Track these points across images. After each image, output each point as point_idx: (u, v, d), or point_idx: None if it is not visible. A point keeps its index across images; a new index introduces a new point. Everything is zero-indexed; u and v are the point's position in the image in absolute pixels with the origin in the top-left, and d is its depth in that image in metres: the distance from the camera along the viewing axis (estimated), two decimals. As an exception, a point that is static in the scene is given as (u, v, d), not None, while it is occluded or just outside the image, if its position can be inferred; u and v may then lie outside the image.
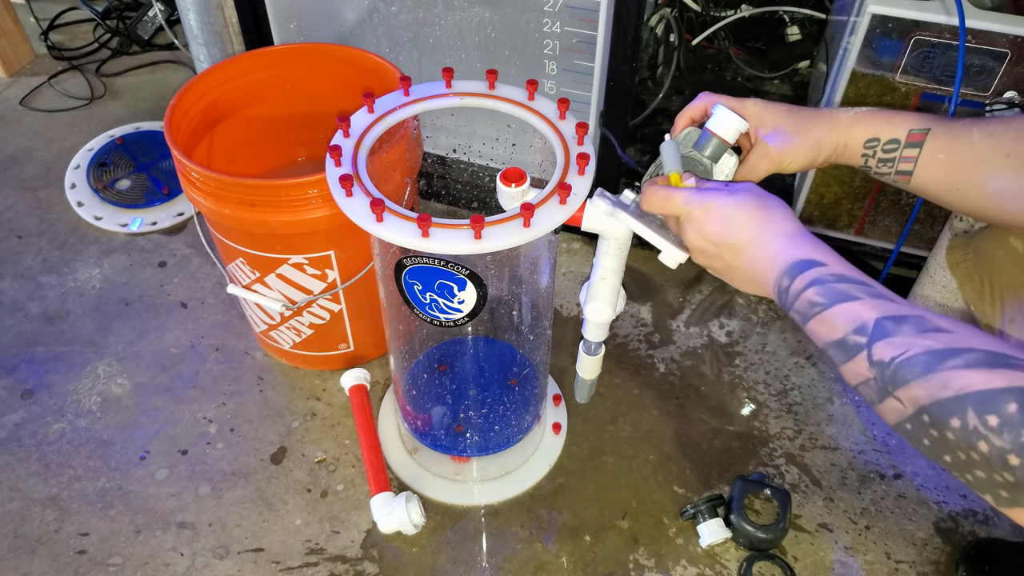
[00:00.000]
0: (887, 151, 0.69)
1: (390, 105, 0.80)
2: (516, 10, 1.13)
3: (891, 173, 0.70)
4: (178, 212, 1.39)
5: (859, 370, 0.54)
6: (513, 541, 0.97)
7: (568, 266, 1.31)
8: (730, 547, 0.97)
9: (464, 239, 0.68)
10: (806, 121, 0.71)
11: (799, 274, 0.59)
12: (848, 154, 0.71)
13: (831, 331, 0.56)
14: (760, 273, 0.62)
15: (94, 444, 1.07)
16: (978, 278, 0.85)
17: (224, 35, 1.35)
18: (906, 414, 0.51)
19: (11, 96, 1.66)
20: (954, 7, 0.95)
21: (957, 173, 0.68)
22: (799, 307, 0.59)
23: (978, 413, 0.47)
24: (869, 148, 0.70)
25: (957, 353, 0.50)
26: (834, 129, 0.70)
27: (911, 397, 0.51)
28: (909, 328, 0.52)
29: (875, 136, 0.69)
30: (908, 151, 0.69)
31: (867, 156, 0.70)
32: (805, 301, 0.58)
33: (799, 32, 1.60)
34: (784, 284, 0.60)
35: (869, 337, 0.54)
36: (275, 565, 0.95)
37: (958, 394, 0.48)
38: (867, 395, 0.55)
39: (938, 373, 0.49)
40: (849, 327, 0.55)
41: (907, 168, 0.69)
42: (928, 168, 0.69)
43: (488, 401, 1.04)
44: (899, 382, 0.51)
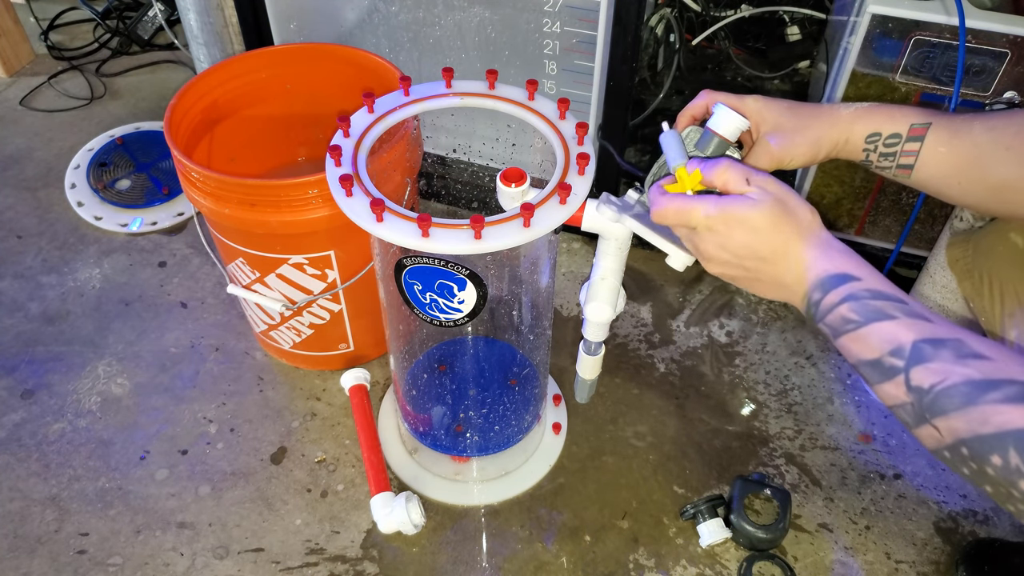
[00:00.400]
0: (888, 145, 0.69)
1: (390, 105, 0.80)
2: (516, 10, 1.13)
3: (892, 167, 0.70)
4: (178, 212, 1.39)
5: (895, 393, 0.53)
6: (513, 541, 0.97)
7: (568, 266, 1.31)
8: (730, 547, 0.97)
9: (464, 239, 0.68)
10: (807, 118, 0.71)
11: (832, 289, 0.57)
12: (849, 149, 0.71)
13: (866, 350, 0.55)
14: (789, 284, 0.60)
15: (94, 444, 1.07)
16: (977, 274, 0.85)
17: (224, 35, 1.35)
18: (944, 443, 0.51)
19: (11, 96, 1.66)
20: (954, 7, 0.95)
21: (958, 166, 0.68)
22: (831, 322, 0.57)
23: (1019, 452, 0.47)
24: (870, 143, 0.70)
25: (997, 386, 0.49)
26: (835, 125, 0.70)
27: (949, 428, 0.50)
28: (948, 353, 0.51)
29: (876, 131, 0.69)
30: (909, 145, 0.69)
31: (868, 151, 0.70)
32: (838, 317, 0.57)
33: (799, 32, 1.60)
34: (815, 298, 0.58)
35: (906, 361, 0.52)
36: (275, 565, 0.95)
37: (998, 431, 0.47)
38: (903, 418, 0.54)
39: (978, 407, 0.48)
40: (885, 348, 0.54)
41: (908, 162, 0.69)
42: (929, 162, 0.69)
43: (488, 401, 1.04)
44: (937, 411, 0.50)
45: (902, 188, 1.16)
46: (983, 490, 0.51)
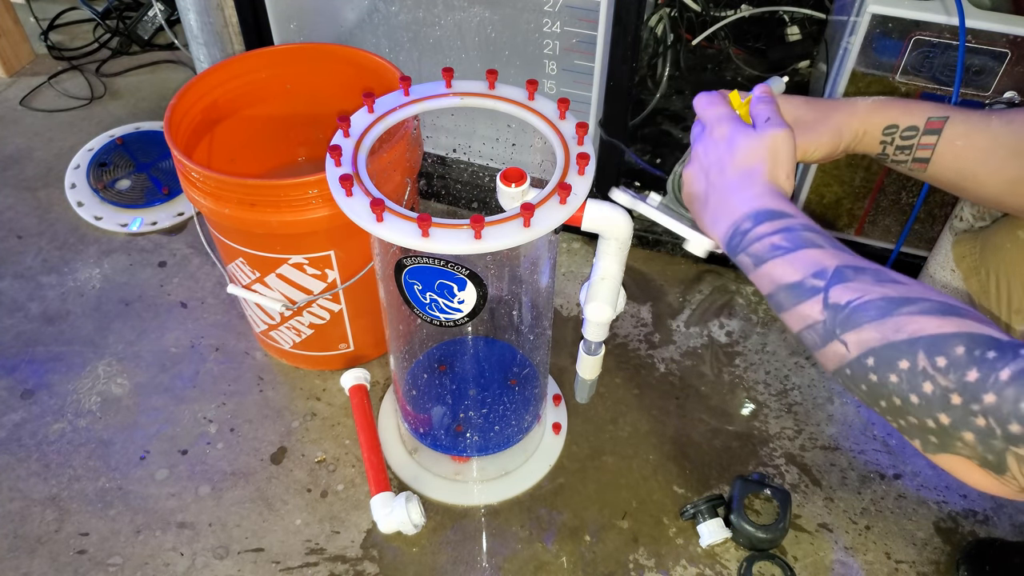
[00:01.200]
0: (905, 138, 0.69)
1: (390, 105, 0.80)
2: (516, 10, 1.13)
3: (908, 161, 0.71)
4: (178, 212, 1.39)
5: (809, 312, 0.55)
6: (513, 541, 0.97)
7: (568, 266, 1.31)
8: (730, 547, 0.97)
9: (464, 239, 0.68)
10: (825, 110, 0.71)
11: (767, 220, 0.59)
12: (867, 141, 0.71)
13: (788, 274, 0.57)
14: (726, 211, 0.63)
15: (94, 444, 1.07)
16: (984, 271, 0.85)
17: (224, 35, 1.35)
18: (847, 358, 0.53)
19: (11, 96, 1.66)
20: (954, 7, 0.95)
21: (974, 160, 0.68)
22: (756, 250, 0.59)
23: (928, 355, 0.49)
24: (887, 135, 0.70)
25: (912, 301, 0.51)
26: (854, 116, 0.70)
27: (860, 340, 0.52)
28: (868, 277, 0.54)
29: (894, 123, 0.70)
30: (926, 138, 0.69)
31: (885, 143, 0.70)
32: (767, 244, 0.58)
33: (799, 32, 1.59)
34: (746, 226, 0.60)
35: (827, 281, 0.54)
36: (275, 565, 0.95)
37: (911, 337, 0.50)
38: (810, 339, 0.55)
39: (893, 317, 0.51)
40: (809, 270, 0.55)
41: (924, 156, 0.70)
42: (945, 155, 0.69)
43: (488, 401, 1.04)
44: (851, 325, 0.52)
45: (902, 188, 1.16)
46: (877, 407, 0.52)
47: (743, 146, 0.64)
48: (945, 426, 0.49)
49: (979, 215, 0.93)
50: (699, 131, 0.69)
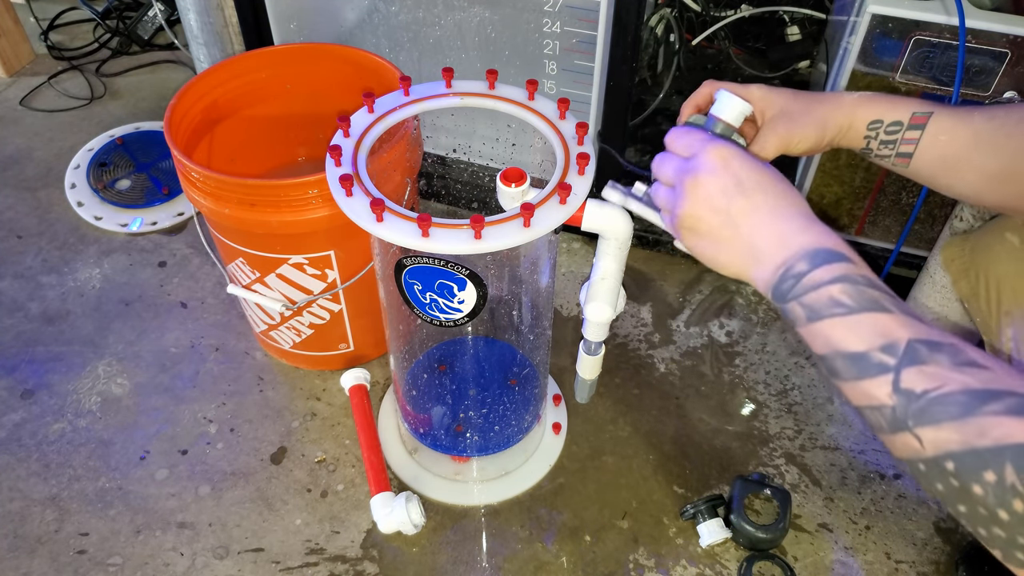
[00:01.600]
0: (889, 133, 0.69)
1: (390, 105, 0.80)
2: (516, 10, 1.13)
3: (891, 156, 0.70)
4: (178, 212, 1.39)
5: (874, 393, 0.48)
6: (513, 541, 0.97)
7: (568, 266, 1.31)
8: (730, 547, 0.97)
9: (464, 239, 0.68)
10: (811, 103, 0.71)
11: (824, 264, 0.51)
12: (852, 136, 0.71)
13: (850, 341, 0.49)
14: (768, 247, 0.54)
15: (94, 444, 1.07)
16: (974, 274, 0.85)
17: (224, 35, 1.35)
18: (922, 455, 0.46)
19: (11, 96, 1.66)
20: (954, 7, 0.95)
21: (957, 155, 0.67)
22: (812, 301, 0.51)
23: (1017, 468, 0.42)
24: (872, 130, 0.70)
25: (997, 396, 0.44)
26: (839, 109, 0.70)
27: (938, 440, 0.45)
28: (945, 358, 0.47)
29: (879, 118, 0.69)
30: (910, 133, 0.69)
31: (869, 138, 0.70)
32: (825, 297, 0.50)
33: (799, 32, 1.60)
34: (799, 269, 0.52)
35: (899, 360, 0.47)
36: (275, 565, 0.95)
37: (996, 445, 0.43)
38: (873, 420, 0.49)
39: (976, 418, 0.44)
40: (876, 342, 0.48)
41: (908, 151, 0.69)
42: (928, 150, 0.69)
43: (488, 401, 1.04)
44: (927, 420, 0.45)
45: (902, 188, 1.16)
46: (955, 510, 0.46)
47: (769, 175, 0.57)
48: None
49: (979, 215, 0.93)
50: (681, 163, 0.61)
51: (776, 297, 0.54)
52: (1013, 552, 0.44)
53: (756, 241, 0.56)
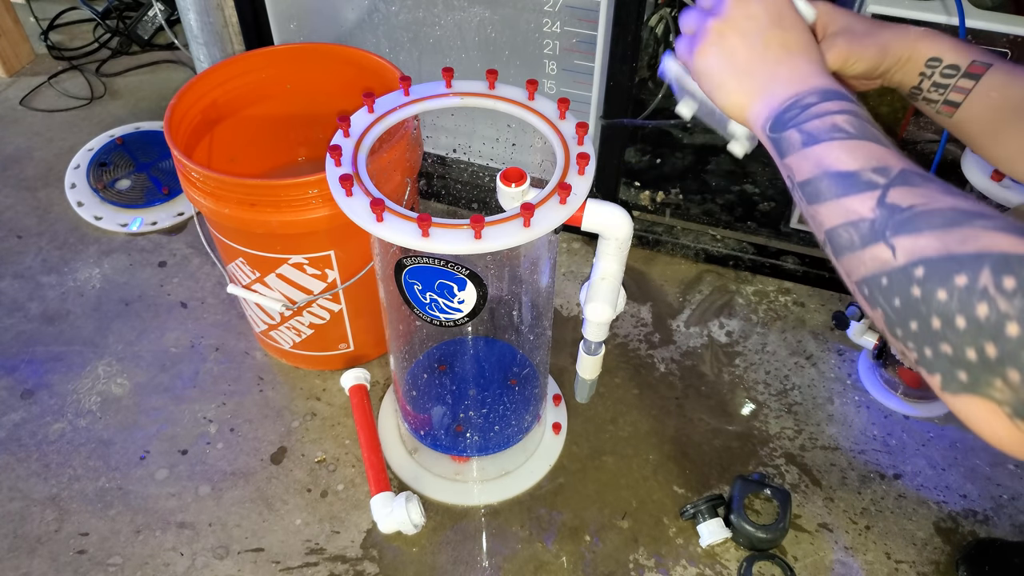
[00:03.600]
0: (945, 75, 0.68)
1: (390, 105, 0.80)
2: (516, 10, 1.13)
3: (940, 101, 0.69)
4: (178, 212, 1.39)
5: (856, 207, 0.48)
6: (513, 541, 0.97)
7: (568, 266, 1.31)
8: (730, 547, 0.97)
9: (464, 239, 0.68)
10: (875, 27, 0.70)
11: (835, 99, 0.53)
12: (908, 69, 0.69)
13: (844, 160, 0.50)
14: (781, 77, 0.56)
15: (94, 444, 1.07)
16: None
17: (224, 35, 1.35)
18: (890, 265, 0.46)
19: (11, 96, 1.66)
20: (954, 7, 0.95)
21: (1003, 114, 0.66)
22: (813, 127, 0.52)
23: (995, 273, 0.42)
24: (929, 68, 0.68)
25: (987, 216, 0.44)
26: (902, 39, 0.69)
27: (915, 247, 0.45)
28: (936, 187, 0.47)
29: (939, 56, 0.68)
30: (964, 81, 0.67)
31: (924, 76, 0.69)
32: (828, 123, 0.51)
33: (799, 32, 1.59)
34: (808, 100, 0.53)
35: (890, 180, 0.48)
36: (275, 565, 0.95)
37: (978, 251, 0.43)
38: (844, 238, 0.49)
39: (962, 228, 0.44)
40: (870, 163, 0.49)
41: (956, 99, 0.68)
42: (976, 103, 0.67)
43: (488, 401, 1.04)
44: (908, 228, 0.45)
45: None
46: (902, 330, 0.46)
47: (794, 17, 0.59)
48: (988, 359, 0.42)
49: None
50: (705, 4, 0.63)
51: (774, 126, 0.54)
52: (956, 372, 0.44)
53: (776, 70, 0.57)
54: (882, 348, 1.10)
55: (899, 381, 1.10)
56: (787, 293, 1.26)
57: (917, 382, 1.08)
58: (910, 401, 1.11)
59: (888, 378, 1.12)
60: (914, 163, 0.50)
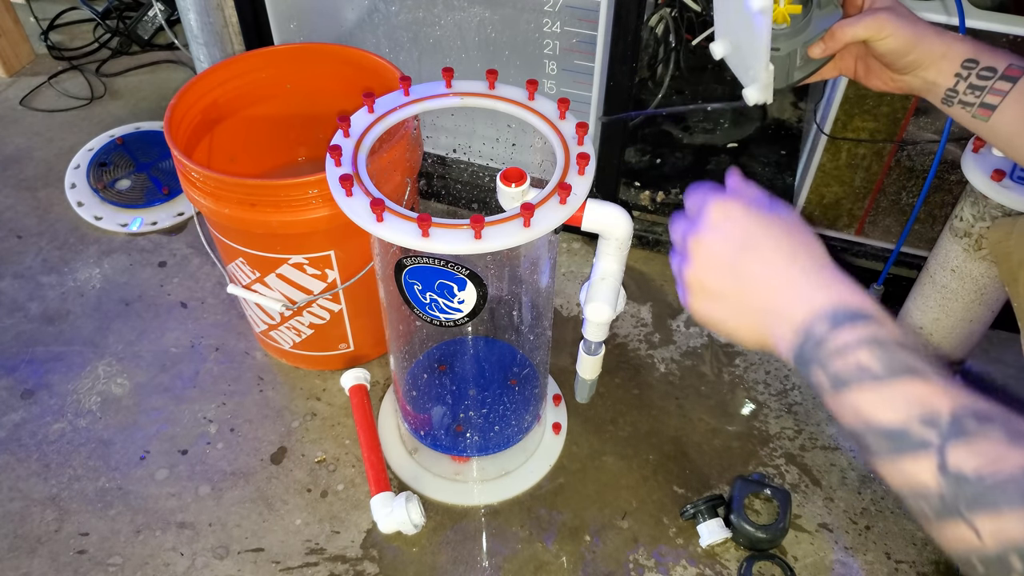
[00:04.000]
0: (982, 77, 0.67)
1: (390, 105, 0.80)
2: (516, 10, 1.13)
3: (975, 104, 0.68)
4: (178, 212, 1.39)
5: (916, 474, 0.41)
6: (513, 541, 0.97)
7: (568, 266, 1.31)
8: (730, 547, 0.97)
9: (464, 239, 0.68)
10: (918, 18, 0.70)
11: (848, 324, 0.45)
12: (943, 67, 0.68)
13: (884, 412, 0.43)
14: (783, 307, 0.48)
15: (94, 444, 1.07)
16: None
17: (224, 35, 1.35)
18: (979, 549, 0.39)
19: (11, 96, 1.66)
20: (954, 7, 0.95)
21: None
22: (837, 368, 0.45)
23: None
24: (966, 68, 0.67)
25: None
26: (942, 37, 0.68)
27: (1001, 531, 0.38)
28: (997, 432, 0.40)
29: (975, 57, 0.67)
30: (1001, 83, 0.66)
31: (959, 78, 0.68)
32: (852, 363, 0.44)
33: (799, 32, 1.59)
34: (819, 331, 0.46)
35: (943, 435, 0.40)
36: (275, 565, 0.95)
37: None
38: (915, 506, 0.42)
39: None
40: (914, 412, 0.42)
41: (993, 102, 0.67)
42: (1013, 107, 0.67)
43: (488, 401, 1.04)
44: (984, 505, 0.39)
45: (902, 188, 1.16)
46: None
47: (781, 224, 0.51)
48: None
49: (979, 215, 0.93)
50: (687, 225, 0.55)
51: (798, 362, 0.47)
52: None
53: (769, 301, 0.49)
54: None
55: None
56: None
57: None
58: (910, 401, 1.11)
59: (888, 378, 1.12)
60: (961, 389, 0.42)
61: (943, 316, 1.02)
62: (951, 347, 1.05)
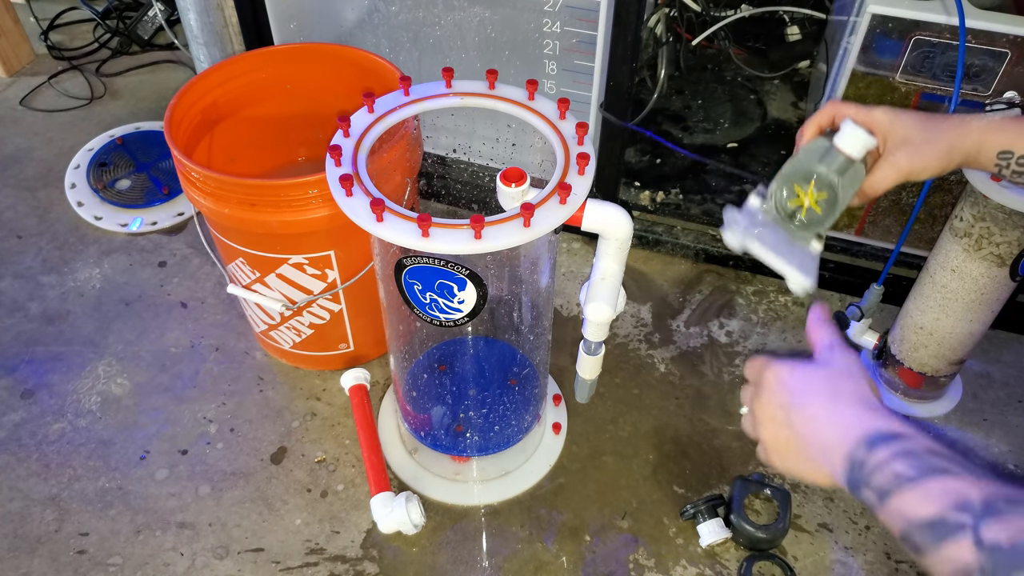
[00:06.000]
0: (1022, 164, 0.67)
1: (390, 105, 0.80)
2: (516, 10, 1.13)
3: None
4: (178, 212, 1.39)
5: (958, 556, 0.44)
6: (513, 541, 0.97)
7: (568, 266, 1.31)
8: (730, 547, 0.97)
9: (464, 239, 0.68)
10: (936, 130, 0.69)
11: (882, 444, 0.51)
12: (981, 161, 0.69)
13: (923, 507, 0.47)
14: (831, 445, 0.54)
15: (94, 444, 1.07)
16: None
17: (224, 35, 1.35)
18: None
19: (11, 96, 1.66)
20: (954, 7, 0.95)
21: None
22: (879, 482, 0.50)
23: None
24: (1003, 159, 0.68)
25: None
26: (966, 137, 0.68)
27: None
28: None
29: (1008, 149, 0.67)
30: None
31: (1000, 166, 0.68)
32: (889, 474, 0.49)
33: (799, 32, 1.60)
34: (859, 456, 0.52)
35: (976, 516, 0.44)
36: (275, 565, 0.95)
37: None
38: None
39: None
40: (948, 502, 0.46)
41: None
42: None
43: (488, 401, 1.04)
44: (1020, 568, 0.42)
45: (902, 188, 1.16)
46: None
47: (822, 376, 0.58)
48: None
49: (979, 215, 0.93)
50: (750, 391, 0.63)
51: (852, 489, 0.53)
52: None
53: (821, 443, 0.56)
54: (882, 348, 1.10)
55: (899, 381, 1.10)
56: (787, 293, 1.26)
57: (918, 382, 1.08)
58: (910, 401, 1.11)
59: (888, 378, 1.12)
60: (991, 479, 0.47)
61: (943, 316, 1.02)
62: (951, 347, 1.05)
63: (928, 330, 1.05)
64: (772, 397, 0.59)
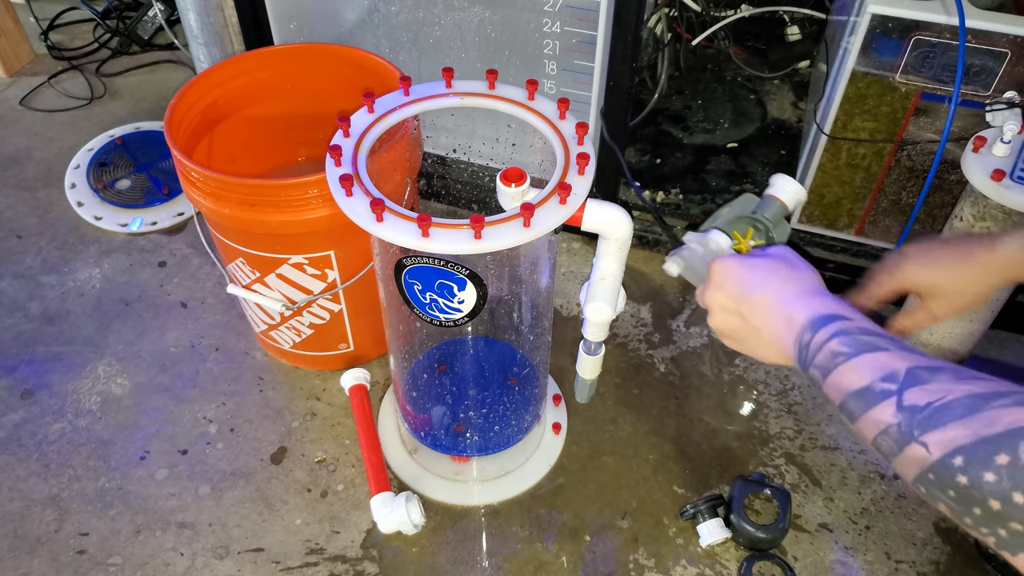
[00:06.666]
0: None
1: (390, 105, 0.80)
2: (516, 10, 1.13)
3: None
4: (178, 212, 1.39)
5: (881, 417, 0.50)
6: (513, 541, 0.97)
7: (568, 266, 1.31)
8: (730, 547, 0.97)
9: (464, 239, 0.68)
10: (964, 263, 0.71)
11: (822, 327, 0.56)
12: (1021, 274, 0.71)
13: (854, 380, 0.52)
14: (781, 331, 0.59)
15: (94, 444, 1.07)
16: None
17: (224, 35, 1.35)
18: (929, 461, 0.46)
19: (11, 96, 1.66)
20: (954, 7, 0.95)
21: None
22: (820, 361, 0.55)
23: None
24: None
25: (1002, 394, 0.45)
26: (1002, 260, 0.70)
27: (945, 440, 0.46)
28: (946, 376, 0.48)
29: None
30: None
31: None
32: (828, 353, 0.55)
33: (799, 32, 1.60)
34: (806, 338, 0.57)
35: (900, 384, 0.49)
36: (275, 565, 0.95)
37: (1009, 428, 0.44)
38: (885, 446, 0.50)
39: (984, 412, 0.45)
40: (876, 375, 0.51)
41: None
42: None
43: (488, 401, 1.04)
44: (933, 425, 0.47)
45: (902, 188, 1.16)
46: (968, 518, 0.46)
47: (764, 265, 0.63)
48: None
49: (979, 215, 0.93)
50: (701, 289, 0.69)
51: (803, 369, 0.58)
52: None
53: (772, 330, 0.61)
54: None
55: (899, 381, 1.10)
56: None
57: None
58: (910, 401, 1.11)
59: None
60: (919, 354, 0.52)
61: (943, 316, 1.02)
62: (951, 347, 1.05)
63: (928, 330, 1.05)
64: (721, 291, 0.65)
